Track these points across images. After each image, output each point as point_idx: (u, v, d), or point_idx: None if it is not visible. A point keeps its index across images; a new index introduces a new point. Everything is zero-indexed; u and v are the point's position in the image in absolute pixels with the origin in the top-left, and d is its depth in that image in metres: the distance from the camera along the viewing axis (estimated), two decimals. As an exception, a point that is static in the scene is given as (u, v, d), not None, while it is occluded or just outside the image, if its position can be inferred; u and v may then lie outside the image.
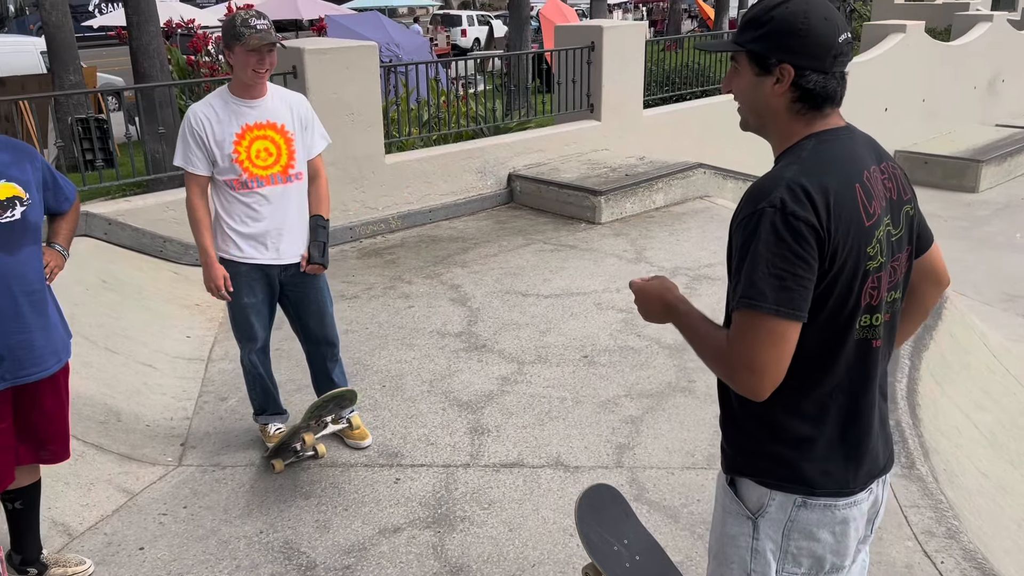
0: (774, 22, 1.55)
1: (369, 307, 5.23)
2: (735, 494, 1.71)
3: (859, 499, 1.68)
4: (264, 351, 3.60)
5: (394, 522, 3.22)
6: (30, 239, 2.53)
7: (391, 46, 13.36)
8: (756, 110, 1.64)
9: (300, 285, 3.49)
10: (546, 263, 5.93)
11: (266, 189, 3.30)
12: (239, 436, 3.85)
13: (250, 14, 3.16)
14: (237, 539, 3.14)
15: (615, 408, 4.02)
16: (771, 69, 1.57)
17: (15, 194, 2.49)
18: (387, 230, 6.68)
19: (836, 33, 1.54)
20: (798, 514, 1.65)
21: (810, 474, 1.62)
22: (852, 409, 1.64)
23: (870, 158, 1.62)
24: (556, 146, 7.95)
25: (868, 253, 1.54)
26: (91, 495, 3.35)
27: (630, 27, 8.62)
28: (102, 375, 4.10)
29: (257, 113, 3.26)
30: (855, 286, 1.54)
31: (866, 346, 1.61)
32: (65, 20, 11.24)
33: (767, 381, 1.52)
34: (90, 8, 31.69)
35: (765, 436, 1.65)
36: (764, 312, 1.48)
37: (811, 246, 1.47)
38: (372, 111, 6.47)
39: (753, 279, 1.49)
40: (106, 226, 5.42)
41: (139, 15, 8.88)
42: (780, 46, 1.55)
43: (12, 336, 2.49)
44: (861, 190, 1.55)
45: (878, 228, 1.56)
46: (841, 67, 1.56)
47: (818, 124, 1.60)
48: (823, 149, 1.57)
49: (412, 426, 3.88)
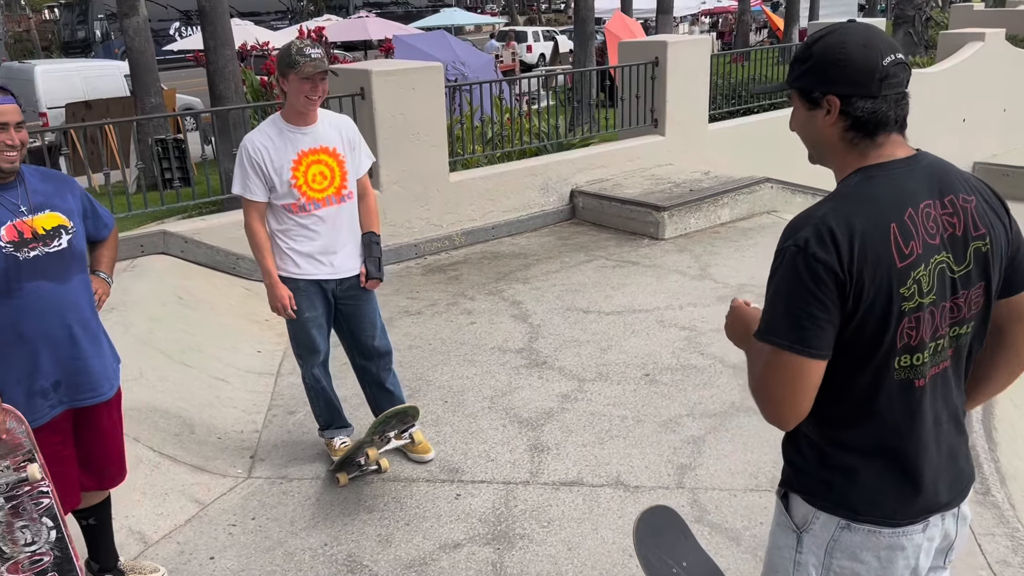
0: (814, 57, 1.59)
1: (432, 323, 5.30)
2: (785, 507, 1.75)
3: (910, 531, 1.65)
4: (324, 366, 3.69)
5: (454, 538, 3.26)
6: (77, 267, 2.61)
7: (457, 64, 13.56)
8: (814, 144, 1.67)
9: (354, 298, 3.59)
10: (608, 279, 5.92)
11: (322, 211, 3.41)
12: (306, 449, 3.94)
13: (304, 43, 3.29)
14: (302, 551, 3.22)
15: (677, 428, 3.99)
16: (819, 102, 1.60)
17: (60, 223, 2.57)
18: (451, 247, 6.77)
19: (879, 57, 1.54)
20: (841, 535, 1.66)
21: (855, 502, 1.64)
22: (896, 446, 1.63)
23: (925, 192, 1.57)
24: (619, 162, 7.94)
25: (902, 294, 1.52)
26: (165, 505, 3.48)
27: (694, 42, 8.57)
28: (177, 388, 4.26)
29: (310, 139, 3.38)
30: (888, 326, 1.53)
31: (908, 385, 1.60)
32: (147, 45, 11.74)
33: (786, 412, 1.58)
34: (171, 32, 32.99)
35: (815, 460, 1.68)
36: (779, 347, 1.54)
37: (828, 287, 1.50)
38: (437, 130, 6.58)
39: (772, 314, 1.56)
40: (183, 244, 5.64)
41: (215, 39, 9.24)
42: (823, 78, 1.58)
43: (69, 363, 2.58)
44: (897, 229, 1.52)
45: (916, 268, 1.53)
46: (892, 89, 1.55)
47: (871, 155, 1.59)
48: (865, 186, 1.57)
49: (473, 442, 3.92)
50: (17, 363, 2.49)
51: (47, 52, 37.83)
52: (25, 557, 2.54)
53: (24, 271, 2.46)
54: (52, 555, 2.59)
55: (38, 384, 2.53)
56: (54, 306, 2.52)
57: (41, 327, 2.50)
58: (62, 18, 36.63)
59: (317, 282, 3.48)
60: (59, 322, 2.54)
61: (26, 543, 2.53)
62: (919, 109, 1.60)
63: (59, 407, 2.60)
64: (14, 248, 2.44)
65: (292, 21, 35.24)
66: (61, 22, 36.63)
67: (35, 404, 2.53)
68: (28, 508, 2.52)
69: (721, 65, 9.89)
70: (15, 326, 2.46)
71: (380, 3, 45.47)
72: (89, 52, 30.92)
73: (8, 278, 2.43)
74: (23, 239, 2.47)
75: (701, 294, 5.57)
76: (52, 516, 2.56)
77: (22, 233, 2.47)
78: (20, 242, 2.46)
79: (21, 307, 2.46)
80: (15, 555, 2.53)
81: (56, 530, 2.57)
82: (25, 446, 2.48)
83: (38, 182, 2.58)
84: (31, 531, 2.54)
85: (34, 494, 2.52)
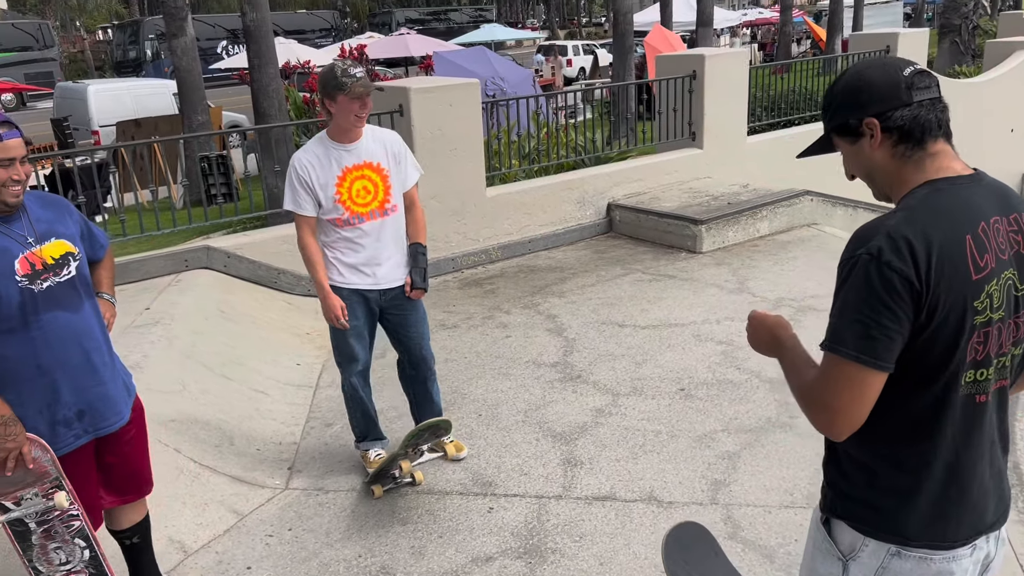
0: (838, 96, 1.64)
1: (468, 336, 5.34)
2: (828, 533, 1.71)
3: (959, 554, 1.63)
4: (364, 375, 3.76)
5: (486, 551, 3.28)
6: (86, 293, 2.59)
7: (496, 79, 13.67)
8: (871, 174, 1.66)
9: (399, 308, 3.67)
10: (644, 293, 5.91)
11: (366, 224, 3.51)
12: (342, 461, 4.00)
13: (347, 64, 3.38)
14: (337, 562, 3.27)
15: (712, 443, 3.97)
16: (859, 130, 1.61)
17: (67, 250, 2.54)
18: (487, 260, 6.81)
19: (898, 71, 1.58)
20: (891, 562, 1.62)
21: (906, 526, 1.61)
22: (954, 464, 1.60)
23: (993, 208, 1.57)
24: (656, 175, 7.93)
25: (976, 307, 1.51)
26: (205, 515, 3.56)
27: (732, 55, 8.54)
28: (218, 401, 4.35)
29: (355, 155, 3.48)
30: (960, 340, 1.51)
31: (970, 401, 1.58)
32: (194, 64, 12.04)
33: (842, 422, 1.54)
34: (218, 50, 33.76)
35: (863, 483, 1.64)
36: (845, 357, 1.50)
37: (902, 298, 1.47)
38: (474, 146, 6.65)
39: (839, 324, 1.52)
40: (225, 259, 5.77)
41: (259, 58, 9.44)
42: (854, 107, 1.61)
43: (90, 390, 2.56)
44: (972, 242, 1.51)
45: (989, 282, 1.52)
46: (923, 94, 1.57)
47: (930, 168, 1.58)
48: (935, 198, 1.55)
49: (506, 455, 3.94)
50: (38, 394, 2.48)
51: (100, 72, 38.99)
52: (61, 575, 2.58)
53: (40, 303, 2.44)
54: (87, 573, 2.63)
55: (60, 414, 2.52)
56: (70, 335, 2.50)
57: (59, 357, 2.49)
58: (115, 39, 37.70)
59: (360, 292, 3.57)
60: (77, 350, 2.53)
61: (61, 563, 2.57)
62: (965, 119, 1.62)
63: (84, 437, 2.59)
64: (28, 281, 2.43)
65: (336, 39, 35.82)
66: (114, 42, 37.70)
67: (59, 433, 2.53)
68: (60, 531, 2.55)
69: (761, 77, 9.83)
70: (34, 358, 2.45)
71: (422, 20, 46.00)
72: (140, 71, 31.77)
73: (25, 311, 2.42)
74: (35, 271, 2.45)
75: (738, 308, 5.53)
76: (84, 537, 2.59)
77: (34, 265, 2.45)
78: (33, 274, 2.44)
79: (39, 339, 2.45)
80: (52, 574, 2.58)
81: (89, 549, 2.60)
82: (52, 474, 2.48)
83: (39, 209, 2.55)
84: (65, 552, 2.57)
85: (64, 518, 2.54)
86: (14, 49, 32.62)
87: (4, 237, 2.42)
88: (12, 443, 2.38)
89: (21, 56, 32.63)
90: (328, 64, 3.49)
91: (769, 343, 1.76)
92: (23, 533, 2.52)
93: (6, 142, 2.36)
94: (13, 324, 2.40)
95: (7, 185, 2.38)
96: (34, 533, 2.52)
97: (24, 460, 2.42)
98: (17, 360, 2.43)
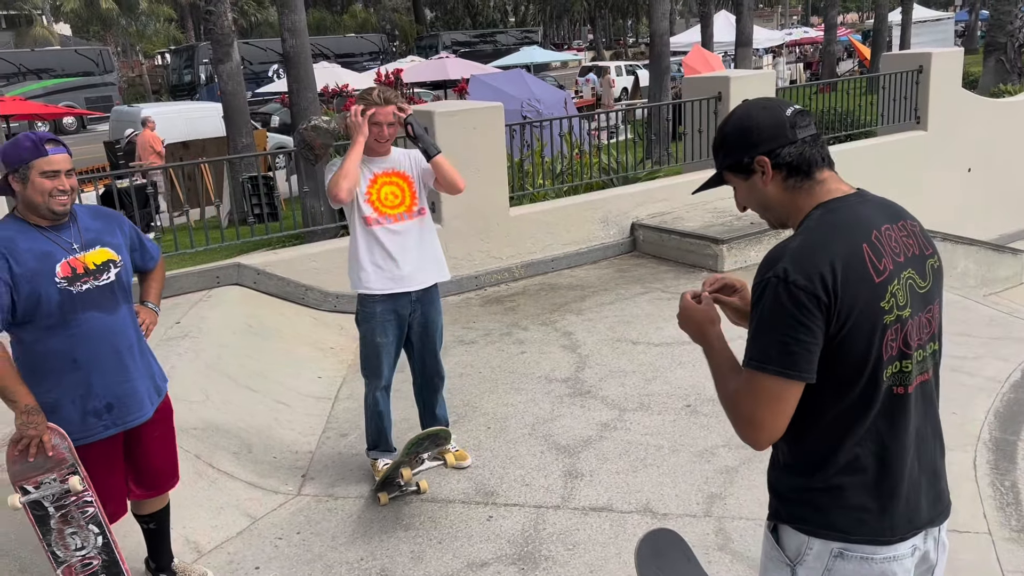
0: (728, 136, 1.77)
1: (485, 352, 5.49)
2: (776, 541, 1.79)
3: (900, 554, 1.70)
4: (387, 390, 3.96)
5: (482, 557, 3.40)
6: (123, 298, 2.87)
7: (532, 101, 13.88)
8: (766, 207, 1.79)
9: (424, 326, 3.90)
10: (660, 312, 5.99)
11: (395, 225, 3.78)
12: (353, 470, 4.17)
13: (372, 89, 3.74)
14: (340, 564, 3.42)
15: (712, 458, 4.04)
16: (751, 167, 1.74)
17: (110, 258, 2.83)
18: (510, 278, 6.96)
19: (781, 111, 1.72)
20: (835, 564, 1.70)
21: (843, 521, 1.69)
22: (883, 456, 1.69)
23: (882, 218, 1.71)
24: (682, 195, 8.00)
25: (883, 308, 1.63)
26: (220, 518, 3.75)
27: (758, 76, 8.60)
28: (240, 411, 4.56)
29: (385, 165, 3.82)
30: (874, 339, 1.63)
31: (890, 393, 1.68)
32: (239, 88, 12.50)
33: (764, 435, 1.67)
34: (269, 74, 34.69)
35: (802, 483, 1.73)
36: (768, 373, 1.62)
37: (812, 313, 1.59)
38: (497, 168, 6.82)
39: (760, 343, 1.64)
40: (255, 275, 6.01)
41: (298, 83, 9.80)
42: (745, 146, 1.74)
43: (119, 386, 2.84)
44: (869, 249, 1.64)
45: (891, 283, 1.64)
46: (806, 131, 1.71)
47: (819, 192, 1.72)
48: (829, 216, 1.69)
49: (510, 467, 4.06)
50: (72, 386, 2.76)
51: (156, 95, 40.33)
52: (77, 561, 2.82)
53: (78, 303, 2.73)
54: (100, 559, 2.86)
55: (91, 405, 2.80)
56: (104, 334, 2.80)
57: (93, 353, 2.78)
58: (171, 63, 39.01)
59: (394, 310, 3.78)
60: (109, 348, 2.81)
61: (76, 548, 2.81)
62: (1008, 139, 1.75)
63: (112, 428, 2.86)
64: (68, 283, 2.71)
65: (383, 62, 36.55)
66: (170, 67, 39.01)
67: (89, 423, 2.81)
68: (75, 516, 2.79)
69: (803, 96, 9.82)
70: (70, 353, 2.74)
71: (469, 42, 46.60)
72: (195, 95, 32.79)
73: (63, 310, 2.70)
74: (75, 274, 2.73)
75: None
76: (97, 523, 2.83)
77: (75, 269, 2.73)
78: (73, 277, 2.72)
79: (76, 336, 2.74)
80: (68, 559, 2.81)
81: (102, 536, 2.84)
82: (68, 460, 2.74)
83: (89, 220, 2.87)
84: (80, 537, 2.81)
85: (80, 503, 2.78)
86: (76, 74, 33.96)
87: (50, 243, 2.73)
88: (34, 431, 2.66)
89: (83, 81, 33.95)
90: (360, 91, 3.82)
91: (696, 335, 1.84)
92: (43, 518, 2.76)
93: (51, 156, 2.68)
94: (53, 321, 2.70)
95: (54, 195, 2.68)
96: (52, 517, 2.76)
97: (44, 447, 2.69)
98: (56, 354, 2.73)
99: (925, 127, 9.88)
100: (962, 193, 10.28)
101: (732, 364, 1.76)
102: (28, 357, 2.74)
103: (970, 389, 4.62)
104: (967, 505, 3.60)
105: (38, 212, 2.72)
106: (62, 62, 34.21)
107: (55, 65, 33.79)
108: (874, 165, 8.87)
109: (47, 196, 2.67)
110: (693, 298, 1.86)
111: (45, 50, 35.78)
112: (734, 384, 1.71)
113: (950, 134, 10.00)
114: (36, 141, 2.67)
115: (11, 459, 2.72)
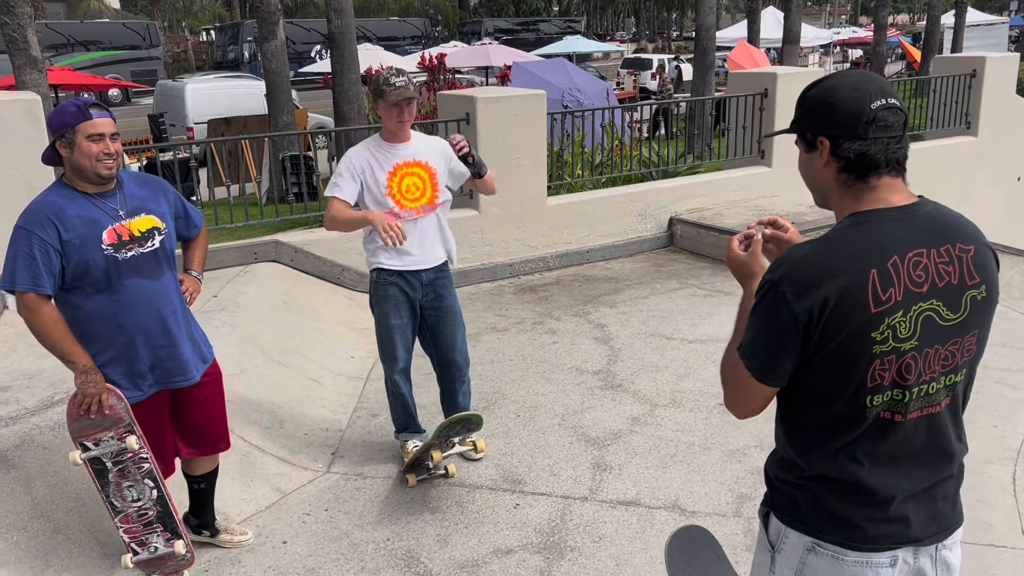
0: (808, 101, 1.69)
1: (516, 340, 5.48)
2: (765, 526, 1.83)
3: (876, 562, 1.68)
4: (405, 373, 3.93)
5: (508, 544, 3.40)
6: (168, 264, 2.94)
7: (573, 91, 13.80)
8: (814, 185, 1.73)
9: (438, 311, 3.84)
10: (696, 308, 5.94)
11: (415, 218, 3.72)
12: (383, 450, 4.19)
13: (391, 72, 3.62)
14: (366, 543, 3.44)
15: (743, 457, 4.00)
16: (814, 144, 1.66)
17: (154, 225, 2.89)
18: (544, 268, 6.94)
19: (867, 100, 1.59)
20: (808, 558, 1.72)
21: (815, 519, 1.70)
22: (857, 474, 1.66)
23: (919, 240, 1.60)
24: (722, 191, 7.92)
25: (874, 338, 1.56)
26: (250, 491, 3.79)
27: (806, 74, 8.47)
28: (273, 386, 4.60)
29: (405, 153, 3.70)
30: (857, 367, 1.58)
31: (881, 420, 1.64)
32: (282, 67, 12.54)
33: (737, 412, 1.75)
34: (312, 54, 34.87)
35: (784, 476, 1.76)
36: (746, 366, 1.66)
37: (789, 332, 1.59)
38: (537, 156, 6.79)
39: (747, 336, 1.67)
40: (292, 253, 6.06)
41: (342, 63, 9.83)
42: (814, 121, 1.66)
43: (161, 349, 2.92)
44: (877, 276, 1.56)
45: (892, 315, 1.56)
46: (883, 132, 1.59)
47: (866, 199, 1.63)
48: (851, 231, 1.61)
49: (539, 456, 4.05)
50: (118, 349, 2.86)
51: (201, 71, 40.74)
52: (133, 511, 3.00)
53: (123, 269, 2.80)
54: (155, 510, 3.02)
55: (136, 366, 2.89)
56: (149, 299, 2.87)
57: (138, 318, 2.85)
58: (216, 40, 39.37)
59: (403, 285, 3.74)
60: (153, 314, 2.88)
61: (133, 499, 2.98)
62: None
63: (155, 387, 2.97)
64: (114, 250, 2.78)
65: (425, 46, 36.57)
66: (215, 43, 39.38)
67: (135, 383, 2.91)
68: (132, 471, 2.95)
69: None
70: (116, 317, 2.82)
71: (511, 30, 46.46)
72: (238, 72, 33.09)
73: (109, 276, 2.78)
74: (121, 241, 2.80)
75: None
76: (152, 478, 2.98)
77: (120, 236, 2.80)
78: (119, 244, 2.79)
79: (121, 301, 2.81)
80: (125, 509, 2.99)
81: (157, 489, 2.99)
82: (125, 420, 2.88)
83: (135, 187, 2.93)
84: (136, 490, 2.97)
85: (136, 459, 2.94)
86: (123, 47, 34.37)
87: (97, 210, 2.79)
88: (93, 389, 2.78)
89: (129, 54, 34.37)
90: (375, 73, 3.72)
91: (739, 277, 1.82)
92: (101, 471, 2.92)
93: (96, 120, 2.73)
94: (100, 287, 2.78)
95: (100, 159, 2.73)
96: (110, 472, 2.92)
97: (103, 406, 2.80)
98: (102, 318, 2.81)
99: (976, 133, 9.66)
100: (1010, 202, 10.06)
101: None
102: (76, 321, 2.80)
103: (1012, 402, 4.52)
104: (1004, 519, 3.53)
105: (85, 176, 2.77)
106: (110, 35, 34.64)
107: (103, 38, 34.22)
108: (920, 169, 8.70)
109: (93, 160, 2.72)
110: (742, 241, 1.82)
111: (94, 22, 36.24)
112: (731, 354, 1.73)
113: (1001, 141, 9.78)
114: (80, 106, 2.73)
115: (72, 416, 2.85)
